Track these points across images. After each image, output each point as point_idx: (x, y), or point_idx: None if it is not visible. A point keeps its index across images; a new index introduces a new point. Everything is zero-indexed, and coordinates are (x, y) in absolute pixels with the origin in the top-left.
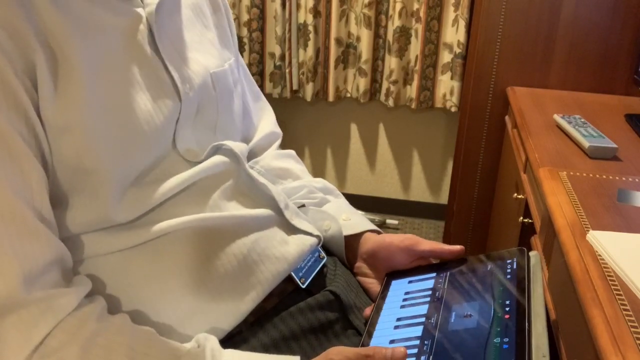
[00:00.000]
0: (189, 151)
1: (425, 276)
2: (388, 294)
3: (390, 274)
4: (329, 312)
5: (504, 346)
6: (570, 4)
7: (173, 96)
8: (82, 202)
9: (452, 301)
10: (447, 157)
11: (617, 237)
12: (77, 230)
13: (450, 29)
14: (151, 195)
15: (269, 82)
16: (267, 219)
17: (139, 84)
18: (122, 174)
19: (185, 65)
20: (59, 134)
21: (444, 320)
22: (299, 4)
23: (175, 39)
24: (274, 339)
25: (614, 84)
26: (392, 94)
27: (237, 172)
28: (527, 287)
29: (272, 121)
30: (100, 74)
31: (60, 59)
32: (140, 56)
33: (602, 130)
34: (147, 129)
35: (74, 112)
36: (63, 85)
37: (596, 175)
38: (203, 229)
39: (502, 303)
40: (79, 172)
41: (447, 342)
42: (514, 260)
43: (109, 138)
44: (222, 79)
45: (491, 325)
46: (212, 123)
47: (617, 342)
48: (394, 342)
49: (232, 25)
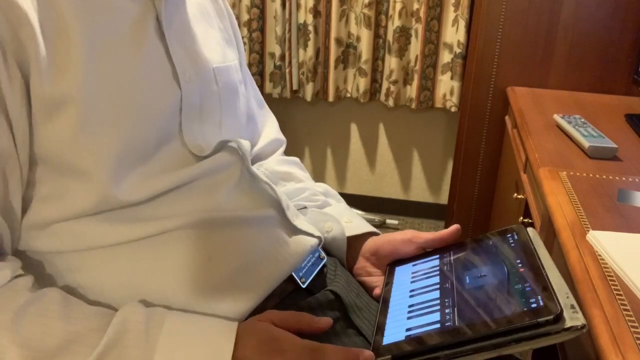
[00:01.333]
0: (195, 145)
1: (429, 258)
2: (395, 277)
3: (392, 263)
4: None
5: (526, 288)
6: (570, 4)
7: (173, 84)
8: (81, 181)
9: (462, 269)
10: (447, 157)
11: (617, 237)
12: (79, 213)
13: (450, 29)
14: (156, 180)
15: (269, 82)
16: (269, 219)
17: (141, 65)
18: (122, 151)
19: (188, 57)
20: (54, 108)
21: (460, 283)
22: (299, 4)
23: (181, 30)
24: None
25: (614, 84)
26: (392, 94)
27: (241, 170)
28: (534, 249)
29: (275, 128)
30: (102, 51)
31: (60, 32)
32: (145, 41)
33: (602, 130)
34: (147, 109)
35: (71, 85)
36: (61, 58)
37: (596, 175)
38: (205, 227)
39: (512, 263)
40: (74, 149)
41: (469, 295)
42: (514, 233)
43: (106, 112)
44: (225, 75)
45: (509, 278)
46: (216, 119)
47: (617, 342)
48: (413, 306)
49: (237, 32)
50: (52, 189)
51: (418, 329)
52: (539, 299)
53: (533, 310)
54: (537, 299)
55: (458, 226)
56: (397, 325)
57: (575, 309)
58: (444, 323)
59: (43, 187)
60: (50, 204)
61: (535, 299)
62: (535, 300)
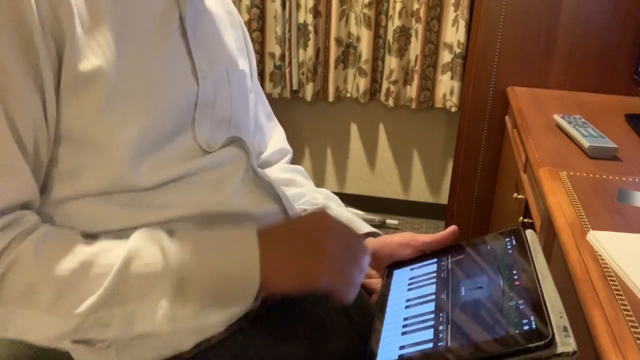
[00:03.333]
0: (205, 140)
1: (426, 262)
2: (392, 282)
3: (391, 266)
4: (330, 310)
5: (520, 306)
6: (570, 4)
7: (192, 79)
8: (100, 157)
9: (458, 278)
10: (447, 157)
11: (617, 237)
12: (93, 191)
13: (450, 29)
14: (166, 169)
15: (269, 82)
16: (271, 217)
17: (165, 57)
18: (141, 134)
19: (205, 55)
20: (83, 85)
21: (455, 295)
22: (299, 4)
23: (201, 31)
24: (275, 336)
25: (614, 84)
26: (392, 94)
27: (246, 166)
28: (530, 257)
29: (282, 139)
30: (131, 37)
31: (95, 15)
32: (169, 35)
33: (602, 130)
34: (166, 98)
35: (101, 63)
36: (94, 38)
37: (596, 175)
38: (208, 220)
39: (509, 273)
40: (98, 125)
41: (462, 311)
42: (512, 238)
43: (131, 94)
44: (237, 78)
45: (503, 292)
46: (227, 117)
47: (617, 342)
48: (408, 319)
49: (249, 44)
50: (69, 165)
51: (411, 348)
52: (531, 321)
53: (525, 333)
54: (530, 320)
55: (455, 228)
56: (391, 341)
57: (567, 332)
58: (436, 343)
59: (61, 164)
60: (66, 181)
61: (528, 320)
62: (528, 322)
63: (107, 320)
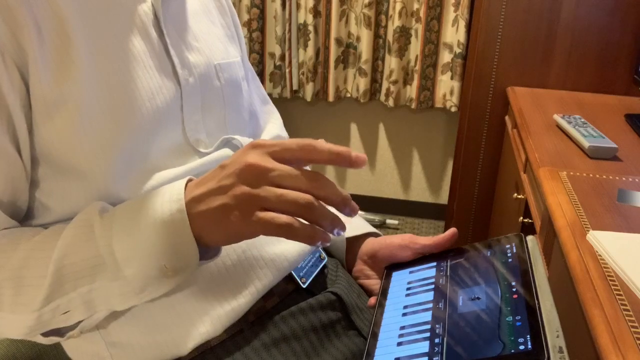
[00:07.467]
0: (198, 141)
1: (425, 265)
2: (390, 286)
3: (390, 267)
4: (331, 312)
5: (517, 324)
6: (570, 4)
7: (173, 81)
8: (81, 180)
9: (457, 286)
10: (447, 157)
11: (617, 237)
12: (78, 209)
13: (450, 29)
14: (157, 175)
15: (269, 82)
16: None
17: (141, 62)
18: (122, 150)
19: (188, 53)
20: (54, 108)
21: (453, 305)
22: (299, 4)
23: (180, 26)
24: (275, 338)
25: (614, 84)
26: (392, 94)
27: None
28: (530, 268)
29: (279, 125)
30: (101, 49)
31: (60, 33)
32: (144, 37)
33: (602, 130)
34: (148, 106)
35: (70, 84)
36: (61, 59)
37: (596, 175)
38: None
39: (507, 284)
40: (74, 149)
41: (459, 324)
42: (512, 245)
43: (107, 111)
44: (228, 72)
45: (501, 305)
46: (221, 116)
47: (617, 342)
48: (404, 328)
49: (239, 28)
50: (54, 187)
51: None
52: (527, 341)
53: (520, 354)
54: (526, 339)
55: (455, 230)
56: (387, 351)
57: (563, 353)
58: (431, 357)
59: (45, 185)
60: (54, 202)
61: (524, 339)
62: (524, 341)
63: (66, 307)
